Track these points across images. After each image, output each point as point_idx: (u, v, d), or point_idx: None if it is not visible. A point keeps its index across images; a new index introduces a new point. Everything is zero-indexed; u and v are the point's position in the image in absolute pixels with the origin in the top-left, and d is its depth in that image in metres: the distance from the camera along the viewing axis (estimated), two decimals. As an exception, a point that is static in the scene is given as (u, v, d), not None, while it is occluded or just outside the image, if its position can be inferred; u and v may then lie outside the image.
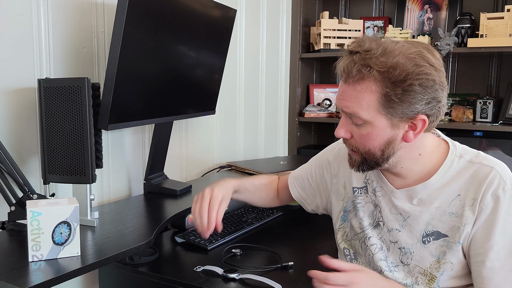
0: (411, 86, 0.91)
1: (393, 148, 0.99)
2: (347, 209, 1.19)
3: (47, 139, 1.18)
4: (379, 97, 0.93)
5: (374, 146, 0.99)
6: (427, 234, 1.04)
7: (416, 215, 1.05)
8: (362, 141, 1.00)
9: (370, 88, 0.93)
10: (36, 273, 0.94)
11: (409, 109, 0.94)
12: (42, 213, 0.99)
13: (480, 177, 0.99)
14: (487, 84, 2.44)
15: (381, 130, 0.97)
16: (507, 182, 0.98)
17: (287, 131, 2.65)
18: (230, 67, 2.10)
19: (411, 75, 0.91)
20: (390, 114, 0.94)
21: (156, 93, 1.45)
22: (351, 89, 0.96)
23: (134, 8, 1.22)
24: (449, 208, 1.01)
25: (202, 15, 1.58)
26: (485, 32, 2.16)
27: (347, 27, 2.51)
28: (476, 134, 2.29)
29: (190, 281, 1.18)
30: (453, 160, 1.03)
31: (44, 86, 1.17)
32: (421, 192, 1.04)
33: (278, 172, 1.88)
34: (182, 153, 1.89)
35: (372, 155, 1.00)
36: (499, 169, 0.99)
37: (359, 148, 1.01)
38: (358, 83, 0.94)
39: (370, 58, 0.92)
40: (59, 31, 1.35)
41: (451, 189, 1.02)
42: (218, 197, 1.18)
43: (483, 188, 0.98)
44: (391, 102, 0.93)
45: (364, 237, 1.13)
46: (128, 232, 1.20)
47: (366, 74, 0.93)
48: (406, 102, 0.93)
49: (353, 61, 0.94)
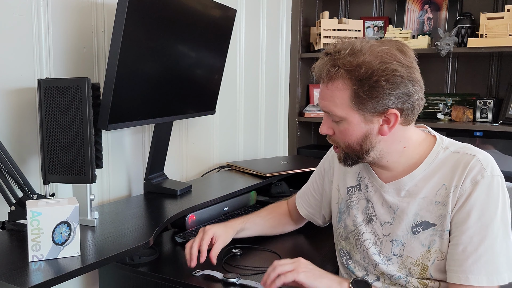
0: (377, 82, 0.97)
1: (370, 142, 1.04)
2: (341, 210, 1.23)
3: (47, 139, 1.18)
4: (349, 94, 1.00)
5: (352, 141, 1.05)
6: (416, 225, 1.07)
7: (404, 206, 1.08)
8: (341, 136, 1.06)
9: (340, 87, 1.00)
10: (36, 273, 0.94)
11: (379, 104, 0.99)
12: (42, 213, 0.99)
13: (462, 165, 1.03)
14: (487, 84, 2.44)
15: (356, 126, 1.03)
16: (487, 170, 1.01)
17: (287, 131, 2.65)
18: (230, 67, 2.10)
19: (376, 72, 0.96)
20: (362, 110, 1.00)
21: (156, 93, 1.45)
22: (326, 89, 1.03)
23: (134, 8, 1.22)
24: (435, 198, 1.05)
25: (202, 15, 1.58)
26: (485, 32, 2.16)
27: (347, 27, 2.51)
28: (476, 134, 2.29)
29: (190, 281, 1.18)
30: (438, 152, 1.07)
31: (44, 86, 1.17)
32: (408, 184, 1.08)
33: (278, 172, 1.89)
34: (182, 153, 1.89)
35: (351, 149, 1.06)
36: (480, 157, 1.03)
37: (340, 144, 1.08)
38: (330, 82, 1.02)
39: (338, 58, 0.99)
40: (59, 31, 1.35)
41: (436, 179, 1.05)
42: (209, 233, 1.24)
43: (464, 175, 1.01)
44: (361, 98, 0.99)
45: (358, 233, 1.17)
46: (128, 232, 1.20)
47: (335, 74, 1.00)
48: (375, 98, 0.98)
49: (325, 62, 1.02)
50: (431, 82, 2.54)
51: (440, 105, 2.48)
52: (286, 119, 2.64)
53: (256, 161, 2.15)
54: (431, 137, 1.11)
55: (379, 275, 1.13)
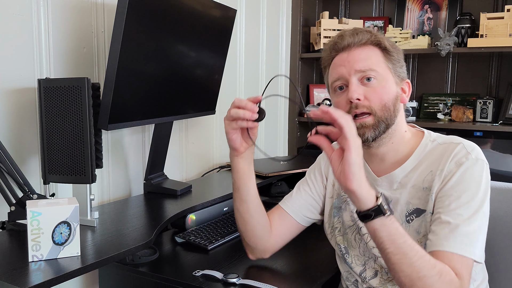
0: (398, 53, 1.11)
1: (398, 107, 1.09)
2: (336, 205, 1.23)
3: (47, 139, 1.18)
4: (383, 56, 1.08)
5: (389, 99, 1.06)
6: (409, 213, 1.09)
7: (397, 197, 1.10)
8: (377, 96, 1.06)
9: (374, 50, 1.08)
10: (36, 273, 0.94)
11: (402, 70, 1.11)
12: (42, 213, 0.99)
13: (448, 152, 1.06)
14: (487, 84, 2.44)
15: (391, 84, 1.08)
16: (472, 154, 1.04)
17: (287, 131, 2.65)
18: (230, 67, 2.10)
19: (394, 45, 1.11)
20: (394, 71, 1.09)
21: (156, 93, 1.45)
22: (360, 51, 1.07)
23: (134, 8, 1.22)
24: (422, 184, 1.08)
25: (202, 15, 1.58)
26: (485, 32, 2.16)
27: (347, 27, 2.51)
28: (476, 134, 2.29)
29: (190, 281, 1.18)
30: (427, 144, 1.11)
31: (44, 86, 1.17)
32: (400, 176, 1.11)
33: (278, 172, 1.89)
34: (182, 153, 1.89)
35: (387, 110, 1.06)
36: (465, 144, 1.07)
37: (375, 105, 1.05)
38: (364, 46, 1.08)
39: (363, 31, 1.09)
40: (59, 31, 1.35)
41: (424, 167, 1.08)
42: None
43: (449, 159, 1.05)
44: (393, 60, 1.09)
45: (357, 228, 1.17)
46: (128, 232, 1.20)
47: (368, 39, 1.08)
48: (399, 64, 1.10)
49: (352, 33, 1.09)
50: (431, 82, 2.54)
51: (440, 105, 2.48)
52: (286, 119, 2.64)
53: (256, 161, 2.15)
54: (420, 132, 1.16)
55: (377, 269, 1.14)
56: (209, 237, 1.44)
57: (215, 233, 1.48)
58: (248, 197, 1.16)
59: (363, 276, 1.16)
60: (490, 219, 1.03)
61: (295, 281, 1.23)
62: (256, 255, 1.23)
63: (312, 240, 1.51)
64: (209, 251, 1.38)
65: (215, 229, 1.51)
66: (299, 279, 1.23)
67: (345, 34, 1.10)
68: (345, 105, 1.07)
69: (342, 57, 1.09)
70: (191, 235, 1.46)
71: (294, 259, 1.34)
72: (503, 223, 1.31)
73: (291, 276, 1.26)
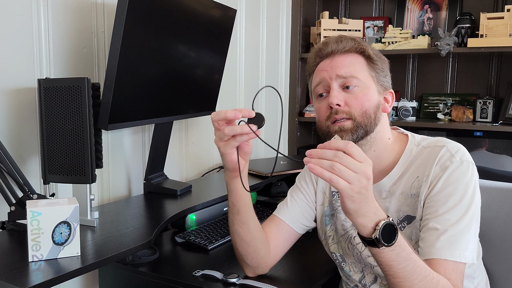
0: (383, 62, 1.10)
1: (379, 115, 1.08)
2: (328, 213, 1.21)
3: (47, 139, 1.18)
4: (366, 64, 1.08)
5: (370, 106, 1.06)
6: (400, 221, 1.08)
7: (387, 206, 1.10)
8: (359, 102, 1.05)
9: (357, 57, 1.08)
10: (36, 273, 0.94)
11: (385, 80, 1.10)
12: (42, 213, 0.99)
13: (433, 156, 1.06)
14: (487, 84, 2.44)
15: (373, 92, 1.07)
16: (456, 156, 1.03)
17: (287, 131, 2.65)
18: (230, 67, 2.10)
19: (379, 54, 1.12)
20: (377, 80, 1.08)
21: (156, 93, 1.45)
22: (344, 58, 1.08)
23: (134, 8, 1.22)
24: (410, 191, 1.07)
25: (202, 15, 1.58)
26: (485, 32, 2.16)
27: (347, 27, 2.51)
28: (476, 134, 2.29)
29: (190, 281, 1.18)
30: (412, 149, 1.11)
31: (44, 86, 1.17)
32: (387, 184, 1.10)
33: (278, 172, 1.88)
34: (182, 153, 1.89)
35: (367, 116, 1.05)
36: (449, 146, 1.06)
37: (355, 111, 1.05)
38: (348, 53, 1.08)
39: (347, 39, 1.10)
40: (59, 31, 1.35)
41: (410, 173, 1.08)
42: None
43: (434, 164, 1.04)
44: (376, 69, 1.08)
45: (349, 237, 1.16)
46: (128, 232, 1.20)
47: (352, 46, 1.08)
48: (383, 72, 1.10)
49: (337, 39, 1.10)
50: (431, 82, 2.54)
51: (440, 105, 2.48)
52: (286, 119, 2.63)
53: (256, 161, 2.15)
54: (403, 136, 1.15)
55: (376, 276, 1.13)
56: (209, 237, 1.44)
57: (215, 233, 1.48)
58: (248, 219, 1.09)
59: (363, 282, 1.16)
60: (490, 219, 1.03)
61: (295, 281, 1.23)
62: (257, 272, 1.18)
63: (312, 240, 1.51)
64: (209, 251, 1.38)
65: (215, 229, 1.51)
66: (299, 279, 1.23)
67: (330, 41, 1.11)
68: (325, 111, 1.08)
69: (326, 63, 1.10)
70: (191, 235, 1.46)
71: (294, 260, 1.34)
72: (503, 223, 1.31)
73: (291, 276, 1.26)
